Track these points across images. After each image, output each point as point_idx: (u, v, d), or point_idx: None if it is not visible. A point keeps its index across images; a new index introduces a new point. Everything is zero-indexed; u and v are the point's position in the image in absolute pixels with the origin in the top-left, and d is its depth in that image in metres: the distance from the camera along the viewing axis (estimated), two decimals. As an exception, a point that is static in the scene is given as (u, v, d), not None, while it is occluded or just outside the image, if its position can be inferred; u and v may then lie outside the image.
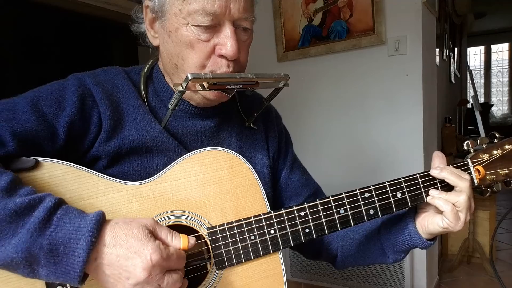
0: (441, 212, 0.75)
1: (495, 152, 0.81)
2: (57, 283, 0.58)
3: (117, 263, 0.55)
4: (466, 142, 0.83)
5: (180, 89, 0.68)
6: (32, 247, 0.52)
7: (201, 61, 0.70)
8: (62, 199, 0.58)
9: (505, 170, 0.81)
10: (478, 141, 0.83)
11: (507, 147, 0.81)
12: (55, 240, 0.53)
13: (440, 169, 0.77)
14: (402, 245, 0.82)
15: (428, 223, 0.78)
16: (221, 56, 0.70)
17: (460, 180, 0.75)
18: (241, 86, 0.72)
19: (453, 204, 0.73)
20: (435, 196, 0.76)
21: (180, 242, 0.60)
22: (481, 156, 0.81)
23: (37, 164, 0.61)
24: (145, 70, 0.80)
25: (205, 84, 0.68)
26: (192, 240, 0.62)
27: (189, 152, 0.72)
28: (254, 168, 0.75)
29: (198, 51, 0.70)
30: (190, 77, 0.65)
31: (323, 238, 0.92)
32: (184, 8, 0.67)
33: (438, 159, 0.80)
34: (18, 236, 0.52)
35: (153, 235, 0.58)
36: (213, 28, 0.69)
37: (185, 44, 0.69)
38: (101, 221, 0.56)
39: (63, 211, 0.55)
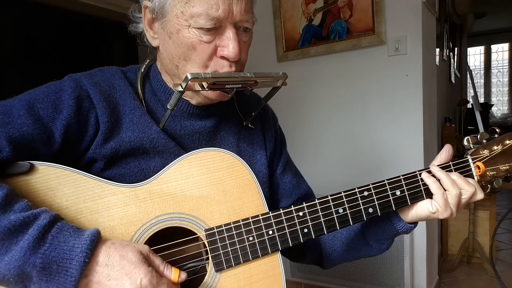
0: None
1: (495, 147, 0.80)
2: None
3: (106, 282, 0.55)
4: (466, 138, 0.82)
5: (180, 89, 0.68)
6: (25, 265, 0.51)
7: (203, 61, 0.70)
8: (57, 215, 0.57)
9: (505, 166, 0.80)
10: (478, 136, 0.82)
11: (507, 142, 0.80)
12: (48, 259, 0.53)
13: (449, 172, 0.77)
14: (383, 232, 0.83)
15: (417, 205, 0.78)
16: (222, 57, 0.70)
17: (468, 186, 0.75)
18: (240, 86, 0.72)
19: (444, 191, 0.75)
20: (431, 176, 0.77)
21: (171, 274, 0.60)
22: (481, 152, 0.81)
23: (32, 168, 0.61)
24: (142, 69, 0.80)
25: (205, 84, 0.68)
26: (183, 275, 0.62)
27: (187, 153, 0.72)
28: (252, 168, 0.75)
29: (200, 52, 0.69)
30: (189, 77, 0.65)
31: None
32: (186, 11, 0.67)
33: (446, 153, 0.81)
34: (11, 254, 0.51)
35: (147, 261, 0.59)
36: (215, 30, 0.69)
37: (187, 46, 0.69)
38: (95, 241, 0.56)
39: (58, 229, 0.55)
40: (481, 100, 7.52)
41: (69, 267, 0.53)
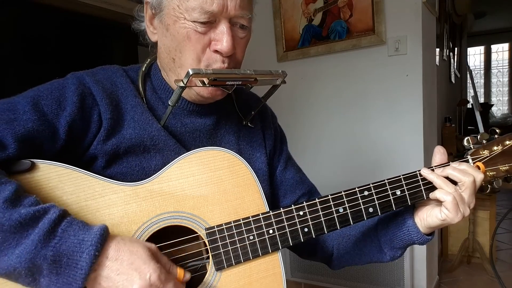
0: (440, 204, 0.75)
1: (495, 148, 0.80)
2: None
3: (115, 276, 0.55)
4: (466, 138, 0.82)
5: (181, 84, 0.68)
6: (36, 258, 0.52)
7: (198, 53, 0.71)
8: (66, 211, 0.58)
9: (505, 166, 0.80)
10: (478, 137, 0.83)
11: (507, 142, 0.80)
12: (59, 252, 0.53)
13: (443, 168, 0.77)
14: (400, 241, 0.81)
15: (426, 216, 0.77)
16: (216, 51, 0.71)
17: (464, 175, 0.74)
18: (240, 83, 0.72)
19: (454, 196, 0.73)
20: (430, 175, 0.76)
21: (177, 273, 0.63)
22: (481, 153, 0.81)
23: (32, 166, 0.61)
24: (143, 68, 0.81)
25: (205, 80, 0.68)
26: (187, 274, 0.64)
27: (187, 150, 0.72)
28: (252, 166, 0.75)
29: (195, 42, 0.70)
30: (191, 72, 0.65)
31: (319, 236, 0.92)
32: (182, 4, 0.68)
33: (439, 155, 0.80)
34: (22, 246, 0.52)
35: (155, 258, 0.60)
36: (210, 24, 0.70)
37: (183, 36, 0.70)
38: (105, 235, 0.57)
39: (68, 223, 0.56)
40: (481, 100, 7.52)
41: (79, 260, 0.53)
